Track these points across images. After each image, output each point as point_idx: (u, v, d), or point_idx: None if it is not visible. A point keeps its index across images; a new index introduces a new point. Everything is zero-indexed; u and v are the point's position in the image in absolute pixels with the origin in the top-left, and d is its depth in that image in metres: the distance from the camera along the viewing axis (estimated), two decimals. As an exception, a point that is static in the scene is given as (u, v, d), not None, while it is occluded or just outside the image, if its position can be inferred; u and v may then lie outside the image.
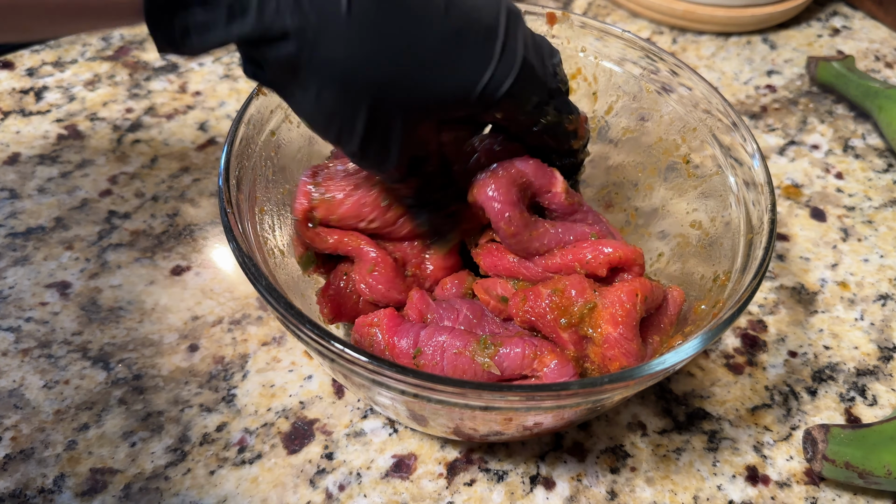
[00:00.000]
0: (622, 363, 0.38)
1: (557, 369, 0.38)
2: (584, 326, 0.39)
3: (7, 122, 0.63)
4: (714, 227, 0.46)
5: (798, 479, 0.45)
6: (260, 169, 0.44)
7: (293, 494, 0.43)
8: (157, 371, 0.48)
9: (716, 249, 0.45)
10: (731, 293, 0.40)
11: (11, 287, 0.51)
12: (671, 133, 0.50)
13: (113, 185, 0.58)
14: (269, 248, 0.42)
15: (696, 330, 0.39)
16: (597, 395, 0.35)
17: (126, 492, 0.42)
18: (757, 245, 0.41)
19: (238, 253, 0.37)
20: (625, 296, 0.39)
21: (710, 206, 0.47)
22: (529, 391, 0.34)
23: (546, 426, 0.41)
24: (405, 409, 0.40)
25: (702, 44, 0.76)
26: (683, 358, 0.35)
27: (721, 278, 0.43)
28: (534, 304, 0.40)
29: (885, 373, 0.51)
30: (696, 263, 0.47)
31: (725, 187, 0.46)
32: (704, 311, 0.42)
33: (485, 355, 0.38)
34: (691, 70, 0.48)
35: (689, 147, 0.49)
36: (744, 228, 0.43)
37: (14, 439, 0.44)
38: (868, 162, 0.65)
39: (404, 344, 0.40)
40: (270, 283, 0.36)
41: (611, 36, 0.50)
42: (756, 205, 0.43)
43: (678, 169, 0.49)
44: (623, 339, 0.38)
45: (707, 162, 0.48)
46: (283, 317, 0.35)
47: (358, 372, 0.35)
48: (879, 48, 0.77)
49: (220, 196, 0.39)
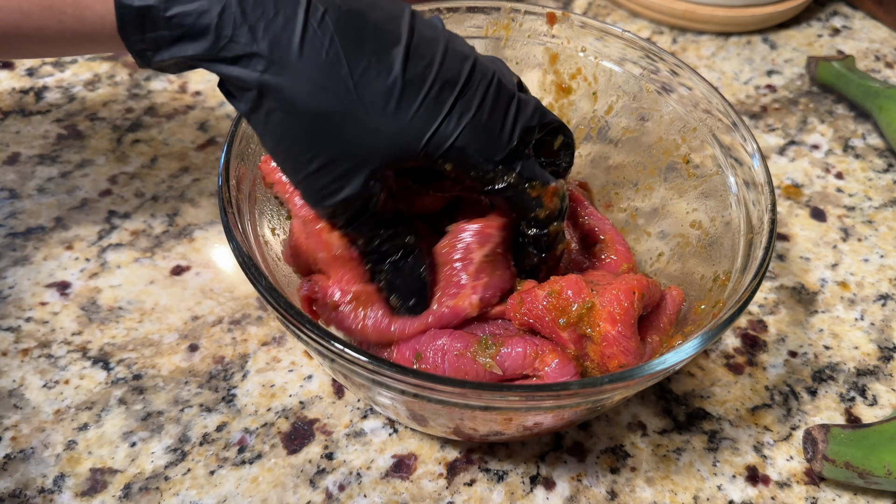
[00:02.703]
0: (621, 361, 0.38)
1: (559, 368, 0.38)
2: (582, 325, 0.39)
3: (7, 122, 0.63)
4: (714, 226, 0.46)
5: (798, 479, 0.45)
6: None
7: (293, 494, 0.43)
8: (157, 371, 0.48)
9: (716, 249, 0.45)
10: (732, 293, 0.40)
11: (11, 287, 0.51)
12: (671, 133, 0.50)
13: (113, 185, 0.58)
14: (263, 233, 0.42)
15: (697, 330, 0.39)
16: (597, 395, 0.35)
17: (126, 492, 0.42)
18: (757, 245, 0.41)
19: (238, 253, 0.37)
20: (622, 294, 0.39)
21: (710, 205, 0.47)
22: (529, 391, 0.34)
23: (546, 426, 0.41)
24: (405, 409, 0.40)
25: (702, 44, 0.76)
26: (684, 358, 0.35)
27: (721, 278, 0.43)
28: (531, 305, 0.40)
29: (885, 373, 0.51)
30: (696, 263, 0.47)
31: (725, 187, 0.46)
32: (704, 311, 0.42)
33: (486, 356, 0.39)
34: (691, 70, 0.48)
35: (689, 147, 0.49)
36: (744, 228, 0.43)
37: (14, 439, 0.44)
38: (868, 162, 0.65)
39: (406, 351, 0.40)
40: (270, 283, 0.36)
41: (611, 36, 0.50)
42: (756, 205, 0.43)
43: (678, 169, 0.50)
44: (621, 336, 0.38)
45: (707, 162, 0.48)
46: (283, 317, 0.35)
47: (358, 372, 0.35)
48: (879, 48, 0.77)
49: (220, 196, 0.39)
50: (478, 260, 0.40)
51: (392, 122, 0.35)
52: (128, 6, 0.34)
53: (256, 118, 0.36)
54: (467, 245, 0.40)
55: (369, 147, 0.36)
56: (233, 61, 0.34)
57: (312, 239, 0.39)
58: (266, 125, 0.36)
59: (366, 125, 0.35)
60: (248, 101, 0.36)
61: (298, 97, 0.35)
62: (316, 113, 0.35)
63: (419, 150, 0.36)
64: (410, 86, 0.35)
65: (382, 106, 0.35)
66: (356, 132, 0.35)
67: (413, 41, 0.36)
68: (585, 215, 0.48)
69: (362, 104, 0.35)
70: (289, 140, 0.36)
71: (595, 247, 0.47)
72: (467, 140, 0.36)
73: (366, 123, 0.35)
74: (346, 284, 0.39)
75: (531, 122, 0.39)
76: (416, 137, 0.36)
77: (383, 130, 0.36)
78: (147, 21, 0.34)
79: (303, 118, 0.35)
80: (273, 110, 0.35)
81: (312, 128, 0.35)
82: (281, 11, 0.34)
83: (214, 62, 0.35)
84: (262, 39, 0.34)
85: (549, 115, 0.40)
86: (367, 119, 0.35)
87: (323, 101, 0.35)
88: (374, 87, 0.35)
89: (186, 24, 0.34)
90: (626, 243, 0.47)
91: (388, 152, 0.36)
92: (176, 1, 0.34)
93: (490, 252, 0.41)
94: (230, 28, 0.34)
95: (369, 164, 0.36)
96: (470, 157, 0.37)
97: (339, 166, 0.36)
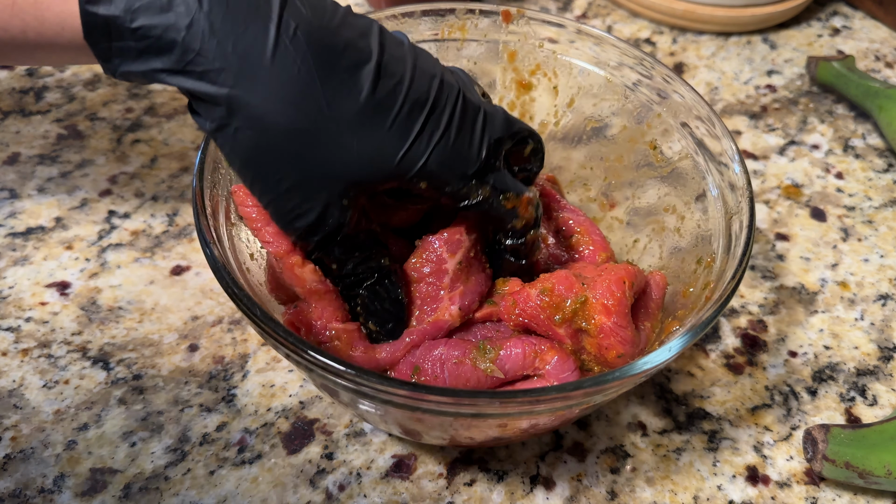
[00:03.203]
0: (619, 351, 0.39)
1: (559, 364, 0.39)
2: (577, 320, 0.39)
3: (7, 122, 0.63)
4: (689, 210, 0.47)
5: (798, 479, 0.45)
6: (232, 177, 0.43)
7: (293, 494, 0.43)
8: (156, 371, 0.48)
9: (694, 232, 0.46)
10: (720, 274, 0.40)
11: (11, 287, 0.51)
12: (636, 121, 0.50)
13: (113, 185, 0.58)
14: (244, 259, 0.42)
15: (689, 313, 0.39)
16: (631, 381, 0.35)
17: (126, 492, 0.42)
18: (738, 225, 0.41)
19: (232, 285, 0.36)
20: (614, 285, 0.39)
21: (682, 189, 0.48)
22: (532, 395, 0.34)
23: (545, 426, 0.41)
24: (397, 426, 0.40)
25: (702, 44, 0.76)
26: (676, 353, 0.36)
27: (706, 260, 0.43)
28: (525, 305, 0.40)
29: (885, 373, 0.51)
30: (675, 248, 0.47)
31: (696, 170, 0.47)
32: (694, 293, 0.42)
33: (486, 360, 0.38)
34: (653, 58, 0.49)
35: (655, 133, 0.49)
36: (721, 208, 0.44)
37: (14, 439, 0.44)
38: (868, 162, 0.65)
39: (403, 367, 0.40)
40: (265, 312, 0.35)
41: (567, 29, 0.50)
42: (732, 186, 0.44)
43: (646, 155, 0.50)
44: (618, 327, 0.39)
45: (675, 146, 0.48)
46: (269, 335, 0.35)
47: (344, 385, 0.34)
48: (879, 48, 0.77)
49: (201, 234, 0.38)
50: (452, 269, 0.40)
51: (364, 142, 0.35)
52: (92, 14, 0.33)
53: (224, 136, 0.35)
54: (438, 256, 0.40)
55: (341, 166, 0.35)
56: (200, 76, 0.33)
57: (286, 274, 0.38)
58: (234, 144, 0.35)
59: (338, 144, 0.35)
60: (215, 119, 0.34)
61: (269, 114, 0.34)
62: (287, 130, 0.34)
63: (392, 169, 0.36)
64: (382, 105, 0.35)
65: (355, 125, 0.35)
66: (328, 151, 0.35)
67: (384, 59, 0.35)
68: (558, 209, 0.48)
69: (334, 122, 0.34)
70: (257, 159, 0.35)
71: (571, 239, 0.47)
72: (439, 159, 0.36)
73: (338, 142, 0.35)
74: (327, 322, 0.39)
75: (500, 134, 0.38)
76: (389, 157, 0.35)
77: (355, 150, 0.35)
78: (113, 30, 0.33)
79: (273, 136, 0.34)
80: (242, 128, 0.34)
81: (283, 146, 0.34)
82: (251, 26, 0.33)
83: (181, 75, 0.34)
84: (232, 54, 0.33)
85: (517, 123, 0.40)
86: (340, 137, 0.35)
87: (294, 118, 0.34)
88: (347, 105, 0.34)
89: (153, 37, 0.33)
90: (601, 233, 0.48)
91: (361, 172, 0.36)
92: (142, 13, 0.33)
93: (462, 258, 0.41)
94: (198, 42, 0.33)
95: (341, 183, 0.36)
96: (443, 175, 0.37)
97: (311, 186, 0.35)
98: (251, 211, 0.38)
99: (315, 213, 0.36)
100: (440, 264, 0.40)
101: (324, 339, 0.39)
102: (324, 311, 0.39)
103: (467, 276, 0.41)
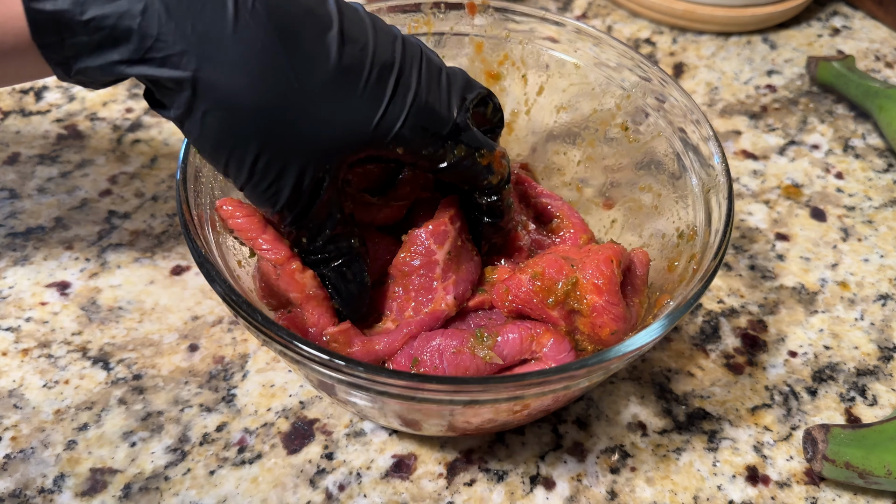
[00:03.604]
0: (612, 328, 0.39)
1: (555, 346, 0.39)
2: (570, 302, 0.40)
3: (7, 122, 0.63)
4: (664, 186, 0.47)
5: (798, 479, 0.45)
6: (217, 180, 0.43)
7: (293, 494, 0.43)
8: (156, 371, 0.48)
9: (671, 207, 0.46)
10: (705, 245, 0.41)
11: (11, 287, 0.51)
12: (606, 103, 0.50)
13: (113, 185, 0.58)
14: (233, 266, 0.41)
15: (678, 286, 0.40)
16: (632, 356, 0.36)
17: (126, 492, 0.42)
18: (715, 198, 0.42)
19: (230, 293, 0.36)
20: (602, 265, 0.40)
21: (657, 168, 0.48)
22: (538, 376, 0.34)
23: (542, 406, 0.41)
24: (397, 418, 0.40)
25: (702, 44, 0.76)
26: (662, 333, 0.36)
27: (688, 233, 0.44)
28: (517, 291, 0.41)
29: (885, 373, 0.51)
30: (653, 224, 0.48)
31: (669, 148, 0.47)
32: (680, 267, 0.43)
33: (484, 348, 0.39)
34: (613, 37, 0.49)
35: (625, 113, 0.50)
36: (696, 181, 0.44)
37: (14, 439, 0.44)
38: (868, 162, 0.65)
39: (401, 359, 0.40)
40: (266, 317, 0.35)
41: (533, 19, 0.51)
42: (704, 161, 0.44)
43: (617, 137, 0.50)
44: (610, 304, 0.39)
45: (645, 127, 0.49)
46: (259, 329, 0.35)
47: (344, 380, 0.34)
48: (879, 48, 0.77)
49: (192, 245, 0.37)
50: (442, 260, 0.41)
51: (337, 111, 0.34)
52: (39, 10, 0.31)
53: (192, 122, 0.34)
54: (427, 248, 0.41)
55: (316, 138, 0.34)
56: (162, 62, 0.32)
57: (284, 280, 0.38)
58: (203, 129, 0.34)
59: (310, 115, 0.34)
60: (180, 105, 0.33)
61: (236, 92, 0.33)
62: (256, 107, 0.33)
63: (368, 136, 0.35)
64: (350, 71, 0.34)
65: (325, 94, 0.34)
66: (301, 124, 0.34)
67: (344, 24, 0.35)
68: (535, 195, 0.49)
69: (304, 93, 0.34)
70: (229, 141, 0.34)
71: (552, 223, 0.48)
72: (414, 121, 0.36)
73: (310, 113, 0.34)
74: (322, 327, 0.39)
75: (466, 93, 0.38)
76: (364, 124, 0.35)
77: (329, 120, 0.34)
78: (63, 26, 0.31)
79: (242, 114, 0.33)
80: (210, 110, 0.33)
81: (253, 124, 0.33)
82: (208, 4, 0.32)
83: (142, 64, 0.32)
84: (192, 35, 0.32)
85: (476, 83, 0.40)
86: (311, 109, 0.34)
87: (263, 93, 0.33)
88: (315, 74, 0.34)
89: (106, 27, 0.31)
90: (579, 216, 0.48)
91: (337, 142, 0.35)
92: (92, 2, 0.31)
93: (451, 248, 0.41)
94: (155, 27, 0.31)
95: (317, 155, 0.35)
96: (419, 137, 0.37)
97: (286, 161, 0.35)
98: (242, 223, 0.38)
99: (291, 187, 0.35)
100: (430, 256, 0.41)
101: (320, 343, 0.39)
102: (320, 318, 0.39)
103: (458, 265, 0.42)
